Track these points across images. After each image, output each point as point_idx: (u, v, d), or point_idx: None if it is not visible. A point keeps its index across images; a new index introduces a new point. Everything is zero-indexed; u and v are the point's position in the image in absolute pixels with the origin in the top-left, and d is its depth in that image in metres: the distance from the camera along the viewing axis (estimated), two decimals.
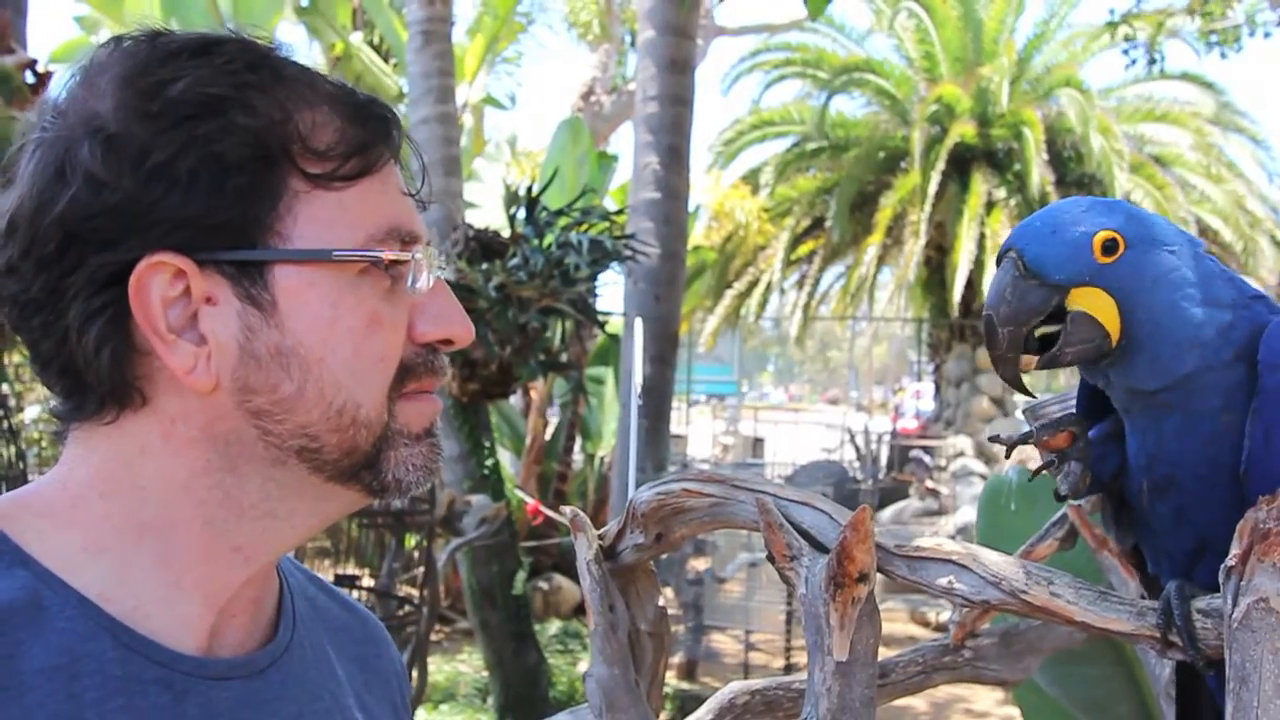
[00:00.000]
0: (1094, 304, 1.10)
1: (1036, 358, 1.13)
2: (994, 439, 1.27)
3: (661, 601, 1.71)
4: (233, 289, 0.80)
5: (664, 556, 7.37)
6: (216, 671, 0.84)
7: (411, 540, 5.59)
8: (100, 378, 0.81)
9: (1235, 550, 1.02)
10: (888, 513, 12.66)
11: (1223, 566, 1.04)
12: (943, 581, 1.27)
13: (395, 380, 0.86)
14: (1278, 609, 0.99)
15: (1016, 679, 2.01)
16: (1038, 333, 1.14)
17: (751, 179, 18.55)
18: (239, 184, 0.79)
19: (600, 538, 1.60)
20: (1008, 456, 1.22)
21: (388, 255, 0.83)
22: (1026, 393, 1.21)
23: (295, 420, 0.82)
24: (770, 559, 1.37)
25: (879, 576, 1.35)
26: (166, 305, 0.80)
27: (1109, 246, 1.10)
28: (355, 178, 0.83)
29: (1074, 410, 1.24)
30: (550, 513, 8.75)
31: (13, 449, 4.74)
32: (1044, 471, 1.23)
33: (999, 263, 1.12)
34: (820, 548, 1.34)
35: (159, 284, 0.79)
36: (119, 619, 0.80)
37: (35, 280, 0.80)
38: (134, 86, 0.79)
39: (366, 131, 0.84)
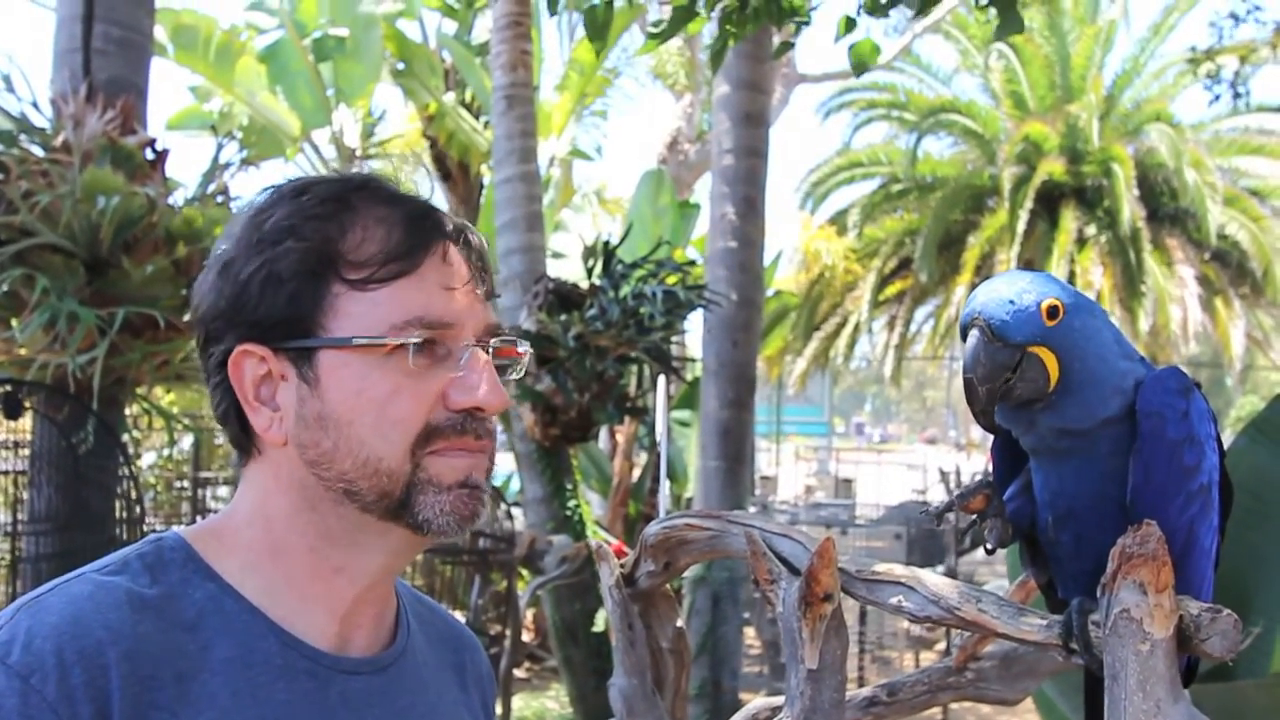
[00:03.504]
0: (1043, 356, 1.31)
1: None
2: (923, 512, 1.50)
3: (679, 623, 1.96)
4: (294, 369, 1.09)
5: (743, 597, 7.53)
6: (350, 667, 1.11)
7: (498, 578, 5.88)
8: (231, 433, 1.13)
9: (1109, 570, 1.24)
10: (980, 553, 12.57)
11: (1100, 584, 1.25)
12: (893, 601, 1.49)
13: (421, 439, 1.06)
14: (1136, 617, 1.20)
15: (1016, 699, 2.19)
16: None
17: (839, 220, 18.68)
18: (291, 291, 1.07)
19: (622, 566, 1.86)
20: (938, 525, 1.45)
21: (390, 341, 1.06)
22: (997, 434, 1.43)
23: (337, 469, 1.08)
24: (755, 582, 1.61)
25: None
26: (254, 382, 1.10)
27: (1053, 312, 1.32)
28: (391, 279, 1.07)
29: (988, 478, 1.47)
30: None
31: (134, 493, 5.16)
32: (971, 529, 1.45)
33: (965, 331, 1.34)
34: (796, 572, 1.57)
35: (249, 366, 1.10)
36: (277, 622, 1.08)
37: (201, 360, 1.14)
38: (252, 221, 1.10)
39: (407, 242, 1.08)
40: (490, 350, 1.11)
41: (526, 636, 9.31)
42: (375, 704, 1.12)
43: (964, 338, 1.31)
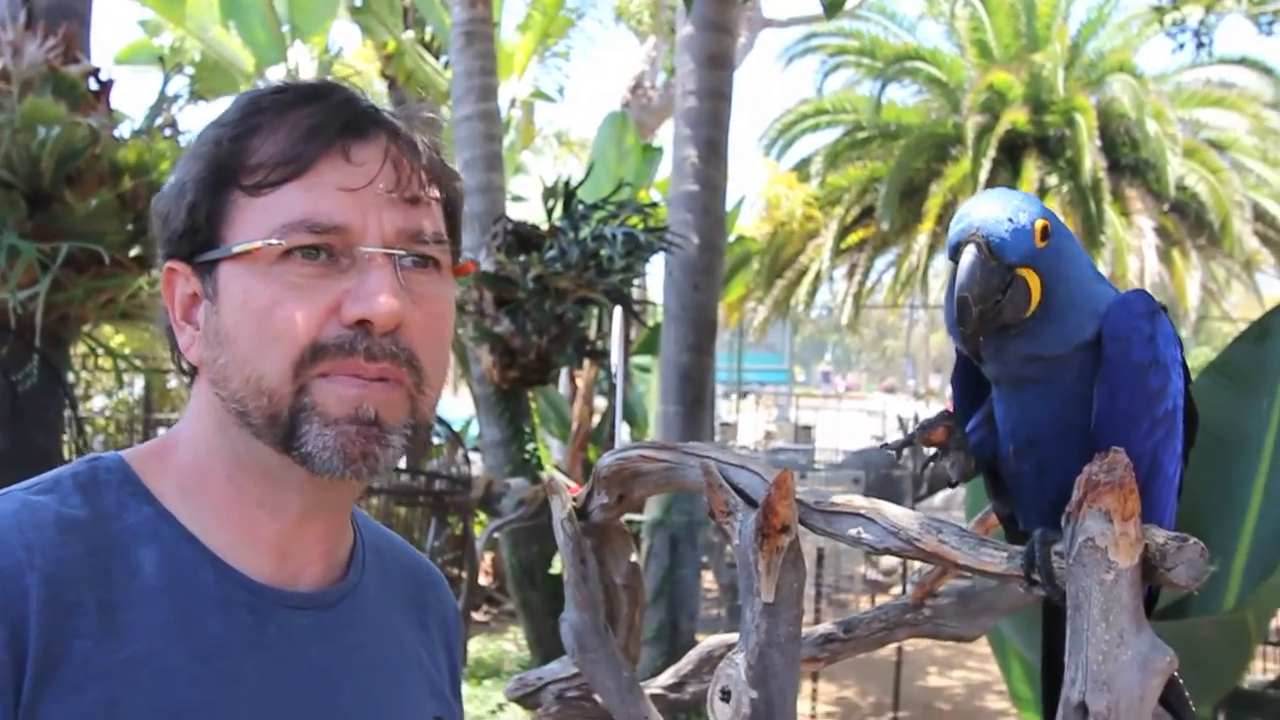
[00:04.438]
0: (1028, 279, 1.25)
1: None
2: (883, 446, 1.45)
3: (634, 558, 1.91)
4: (201, 284, 1.03)
5: (702, 540, 7.56)
6: (294, 602, 1.05)
7: (454, 521, 5.84)
8: (172, 355, 1.08)
9: (1074, 498, 1.20)
10: (939, 498, 12.70)
11: (1065, 512, 1.21)
12: (852, 532, 1.45)
13: (306, 358, 0.97)
14: (1101, 546, 1.16)
15: (973, 635, 2.18)
16: None
17: (803, 168, 18.58)
18: (190, 202, 1.01)
19: (574, 501, 1.81)
20: (898, 459, 1.39)
21: (257, 244, 0.97)
22: (982, 362, 1.33)
23: (230, 388, 1.00)
24: (711, 514, 1.56)
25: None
26: (183, 302, 1.05)
27: (1045, 233, 1.25)
28: (281, 182, 0.99)
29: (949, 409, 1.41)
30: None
31: (79, 433, 5.06)
32: (933, 463, 1.40)
33: (957, 248, 1.26)
34: (754, 505, 1.52)
35: (178, 285, 1.04)
36: (215, 551, 1.01)
37: None
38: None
39: (302, 142, 0.99)
40: (402, 260, 1.00)
41: (484, 580, 9.31)
42: (320, 641, 1.05)
43: (954, 256, 1.24)
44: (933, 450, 1.35)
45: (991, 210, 1.23)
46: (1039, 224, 1.23)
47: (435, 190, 1.06)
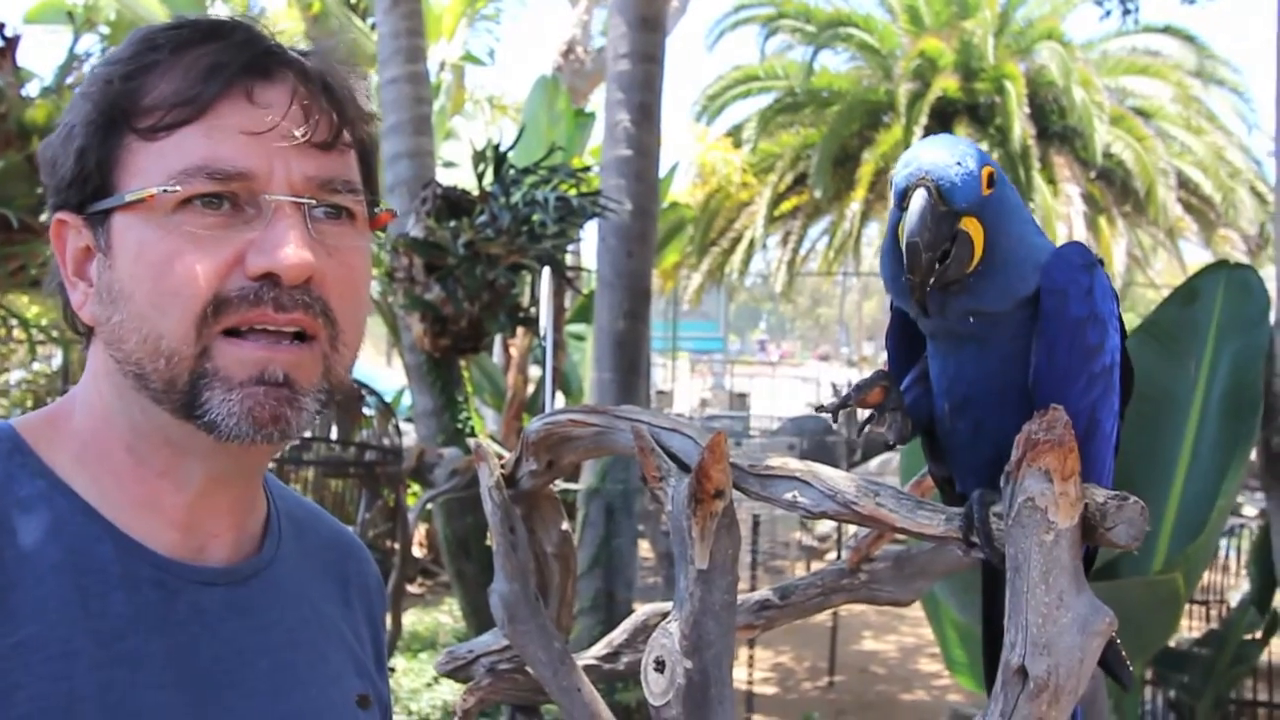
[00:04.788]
0: (972, 230, 1.19)
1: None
2: (818, 409, 1.40)
3: (565, 526, 1.86)
4: (93, 236, 0.94)
5: (638, 508, 7.54)
6: (204, 577, 0.98)
7: (387, 492, 5.75)
8: (63, 313, 0.99)
9: (1014, 458, 1.17)
10: (874, 464, 12.84)
11: (1004, 472, 1.18)
12: (788, 496, 1.41)
13: (207, 314, 0.90)
14: (1041, 506, 1.13)
15: (909, 599, 2.16)
16: None
17: (735, 134, 18.54)
18: (79, 146, 0.93)
19: (502, 467, 1.75)
20: (835, 420, 1.34)
21: (151, 191, 0.89)
22: (927, 315, 1.26)
23: (125, 349, 0.93)
24: (643, 479, 1.51)
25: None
26: (75, 256, 0.96)
27: (990, 180, 1.20)
28: (178, 125, 0.91)
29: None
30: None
31: None
32: (870, 426, 1.36)
33: (904, 194, 1.19)
34: (686, 469, 1.48)
35: (70, 238, 0.96)
36: (116, 525, 0.94)
37: None
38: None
39: (201, 81, 0.91)
40: (313, 210, 0.93)
41: (418, 552, 9.21)
42: (234, 618, 0.98)
43: (900, 201, 1.19)
44: (869, 412, 1.31)
45: (940, 155, 1.18)
46: (986, 170, 1.18)
47: (349, 135, 0.98)
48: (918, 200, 1.17)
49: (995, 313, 1.22)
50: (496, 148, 6.03)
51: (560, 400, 10.56)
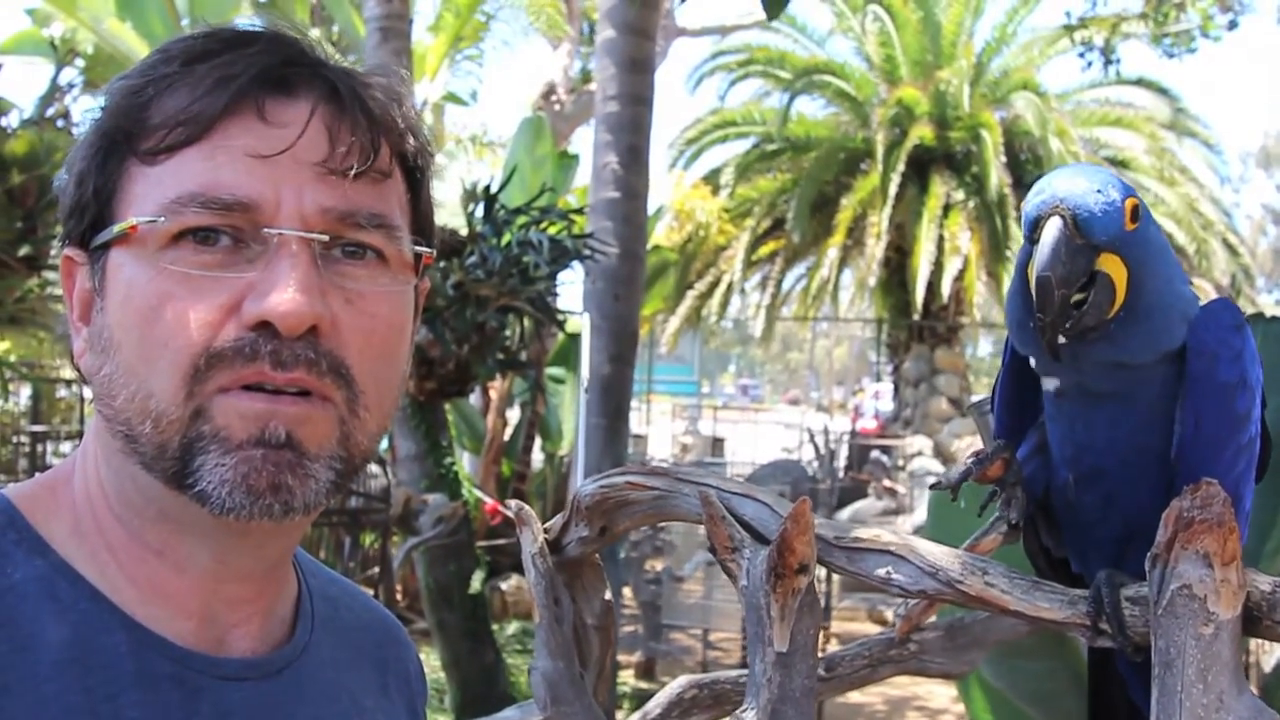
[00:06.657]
0: (1114, 270, 1.07)
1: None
2: (934, 486, 1.27)
3: (608, 595, 1.71)
4: (93, 277, 0.81)
5: (622, 556, 7.37)
6: (230, 671, 0.83)
7: (368, 539, 5.56)
8: (73, 363, 0.84)
9: (1161, 538, 1.04)
10: (846, 512, 12.73)
11: (1149, 554, 1.05)
12: (881, 572, 1.28)
13: (199, 370, 0.76)
14: (1200, 595, 1.01)
15: (961, 671, 2.03)
16: None
17: (713, 179, 18.58)
18: (80, 171, 0.80)
19: (546, 532, 1.61)
20: (954, 499, 1.21)
21: (135, 221, 0.76)
22: (1059, 360, 1.12)
23: (114, 405, 0.79)
24: (712, 550, 1.38)
25: (836, 577, 1.36)
26: (83, 298, 0.82)
27: (1135, 213, 1.08)
28: (179, 147, 0.78)
29: (997, 423, 1.25)
30: (509, 512, 8.72)
31: None
32: (991, 502, 1.23)
33: (1035, 224, 1.08)
34: (761, 539, 1.35)
35: (79, 277, 0.82)
36: (128, 613, 0.79)
37: None
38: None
39: (204, 98, 0.78)
40: (322, 244, 0.78)
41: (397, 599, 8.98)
42: (262, 717, 0.83)
43: (1031, 233, 1.07)
44: (991, 489, 1.19)
45: (1078, 183, 1.06)
46: (1129, 202, 1.06)
47: (386, 162, 0.83)
48: (1050, 231, 1.05)
49: (1135, 366, 1.09)
50: (487, 189, 5.92)
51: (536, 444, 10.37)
